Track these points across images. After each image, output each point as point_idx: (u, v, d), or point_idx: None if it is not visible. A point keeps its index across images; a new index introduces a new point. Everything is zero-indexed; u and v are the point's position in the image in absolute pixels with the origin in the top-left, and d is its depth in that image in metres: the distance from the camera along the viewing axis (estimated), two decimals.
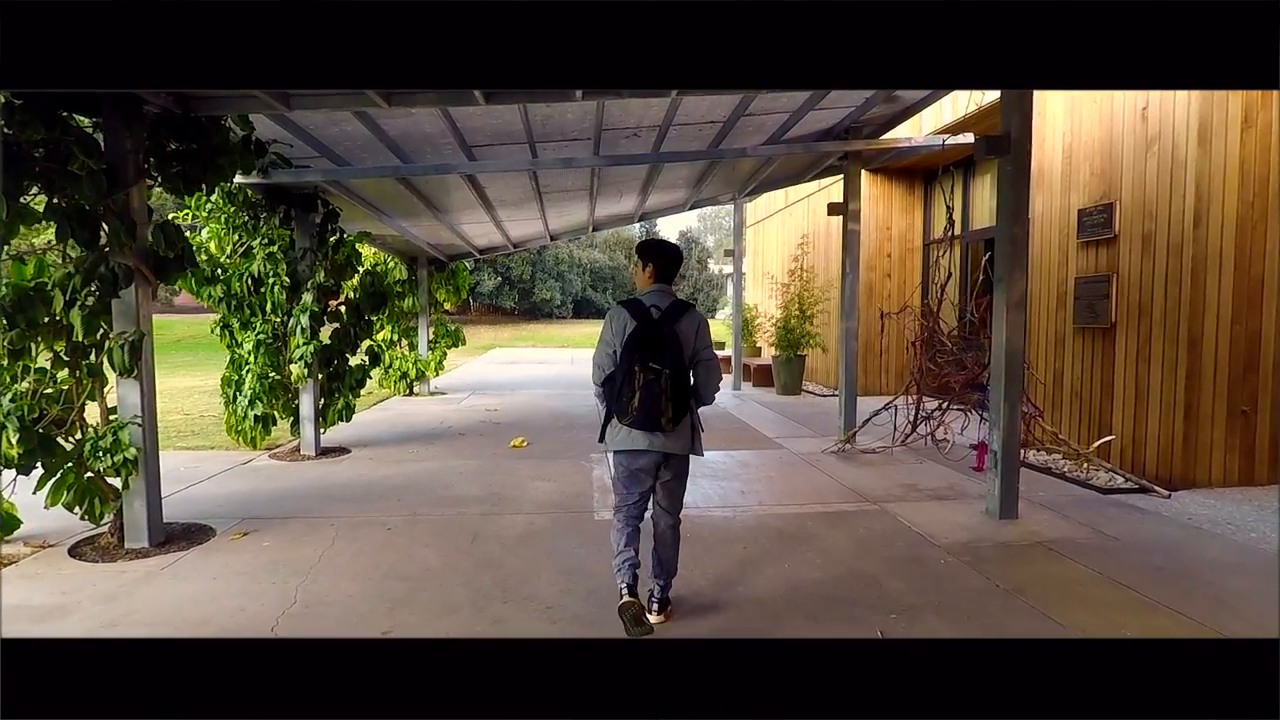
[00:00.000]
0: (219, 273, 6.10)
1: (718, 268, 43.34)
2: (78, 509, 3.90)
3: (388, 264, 10.76)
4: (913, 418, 6.61)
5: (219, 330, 6.32)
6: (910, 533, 4.29)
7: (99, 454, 3.79)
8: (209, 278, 6.05)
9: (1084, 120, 6.19)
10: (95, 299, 3.75)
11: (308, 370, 6.24)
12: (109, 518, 4.06)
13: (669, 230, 58.61)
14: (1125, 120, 5.72)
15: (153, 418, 4.07)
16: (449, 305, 12.28)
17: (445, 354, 11.88)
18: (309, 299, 6.19)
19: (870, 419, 6.86)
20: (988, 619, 3.12)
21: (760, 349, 13.79)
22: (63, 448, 3.82)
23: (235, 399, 6.27)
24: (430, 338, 11.63)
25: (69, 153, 3.48)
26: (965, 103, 7.58)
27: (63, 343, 3.88)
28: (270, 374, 6.27)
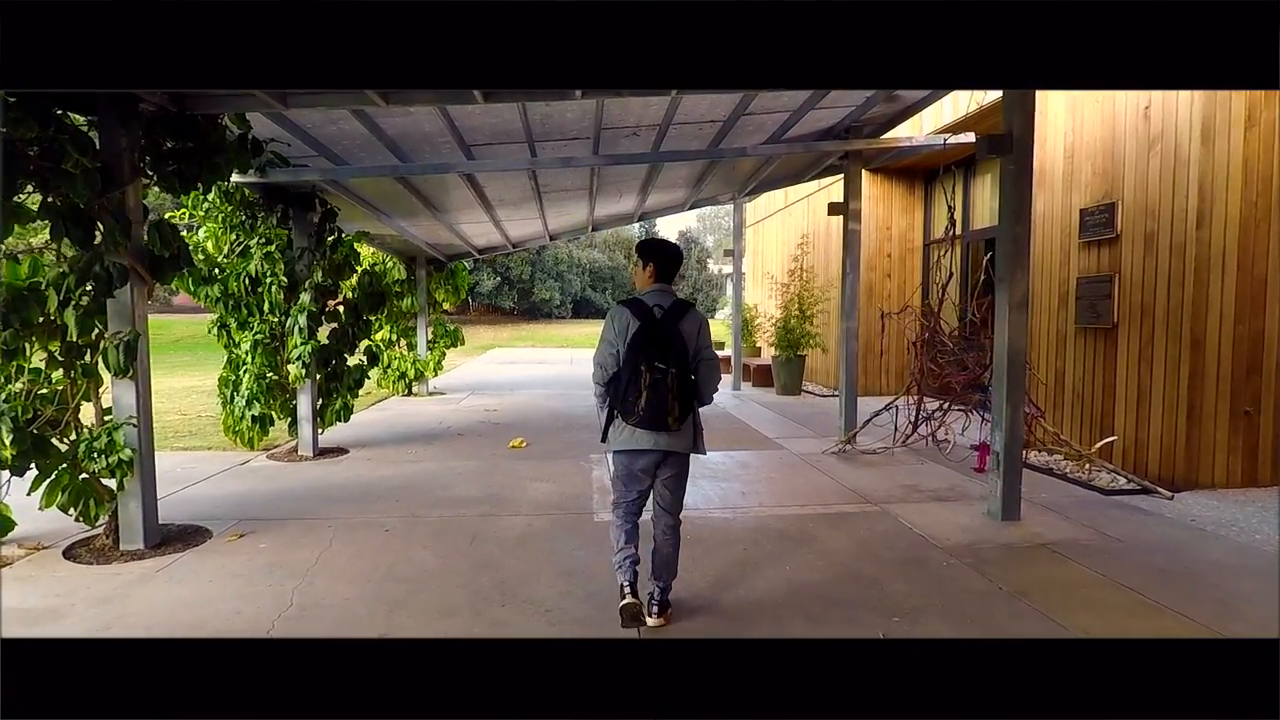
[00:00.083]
0: (216, 272, 6.07)
1: (717, 268, 43.32)
2: (72, 510, 3.88)
3: (386, 264, 10.73)
4: (913, 418, 6.59)
5: (216, 330, 6.29)
6: (912, 534, 4.26)
7: (94, 455, 3.76)
8: (206, 277, 6.01)
9: (1086, 119, 6.16)
10: (90, 299, 3.72)
11: (305, 370, 6.21)
12: (104, 519, 4.03)
13: (668, 230, 58.68)
14: (1127, 119, 5.69)
15: (148, 418, 4.04)
16: (448, 305, 12.26)
17: (444, 354, 11.87)
18: (307, 299, 6.16)
19: (871, 419, 6.83)
20: (991, 622, 3.09)
21: (760, 349, 13.76)
22: (57, 449, 3.79)
23: (232, 399, 6.24)
24: (429, 338, 11.60)
25: (63, 151, 3.45)
26: (966, 102, 7.55)
27: (57, 343, 3.84)
28: (268, 374, 6.24)
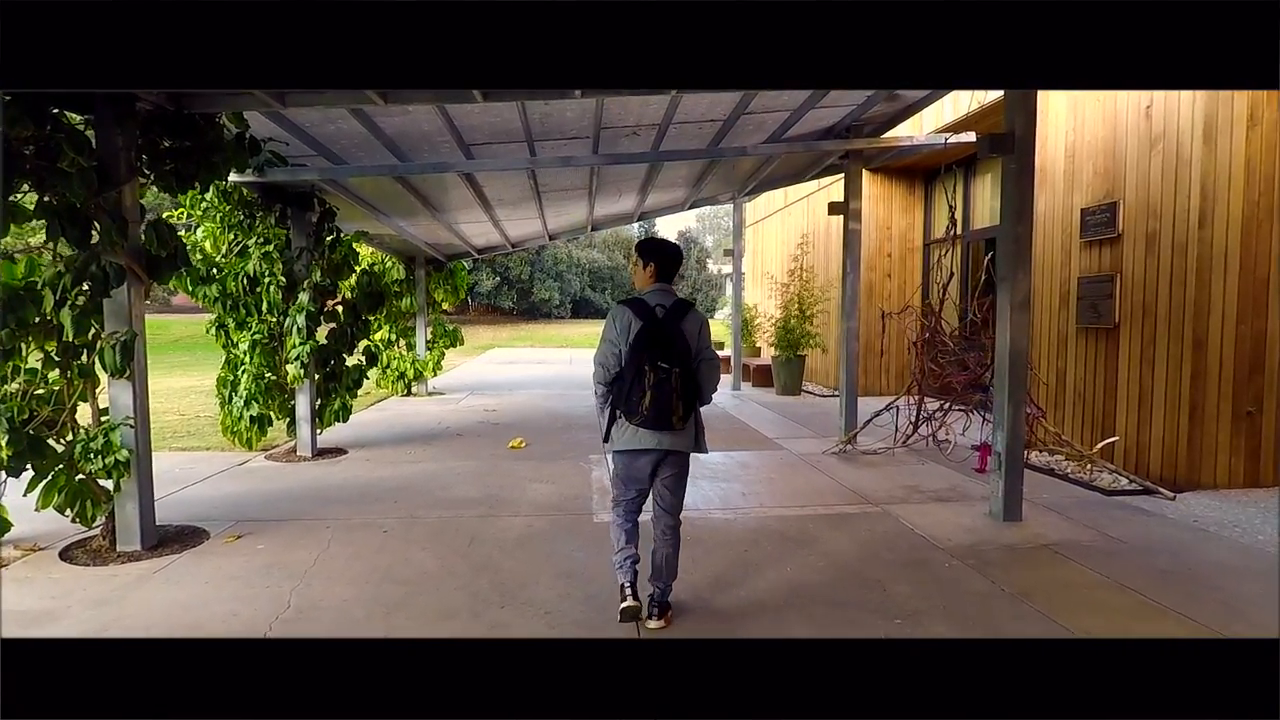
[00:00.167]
0: (214, 272, 6.04)
1: (716, 268, 43.31)
2: (69, 511, 3.85)
3: (385, 263, 10.71)
4: (914, 418, 6.56)
5: (214, 330, 6.26)
6: (913, 535, 4.24)
7: (90, 456, 3.73)
8: (204, 277, 5.98)
9: (1087, 119, 6.14)
10: (86, 298, 3.69)
11: (304, 370, 6.18)
12: (101, 520, 4.00)
13: (668, 230, 58.73)
14: (1129, 118, 5.67)
15: (145, 419, 4.01)
16: (447, 305, 12.24)
17: (443, 354, 11.84)
18: (305, 299, 6.13)
19: (871, 419, 6.81)
20: (994, 624, 3.07)
21: (760, 349, 13.74)
22: (53, 449, 3.77)
23: (231, 399, 6.21)
24: (428, 338, 11.58)
25: (59, 150, 3.42)
26: (967, 101, 7.53)
27: (54, 343, 3.81)
28: (266, 374, 6.21)
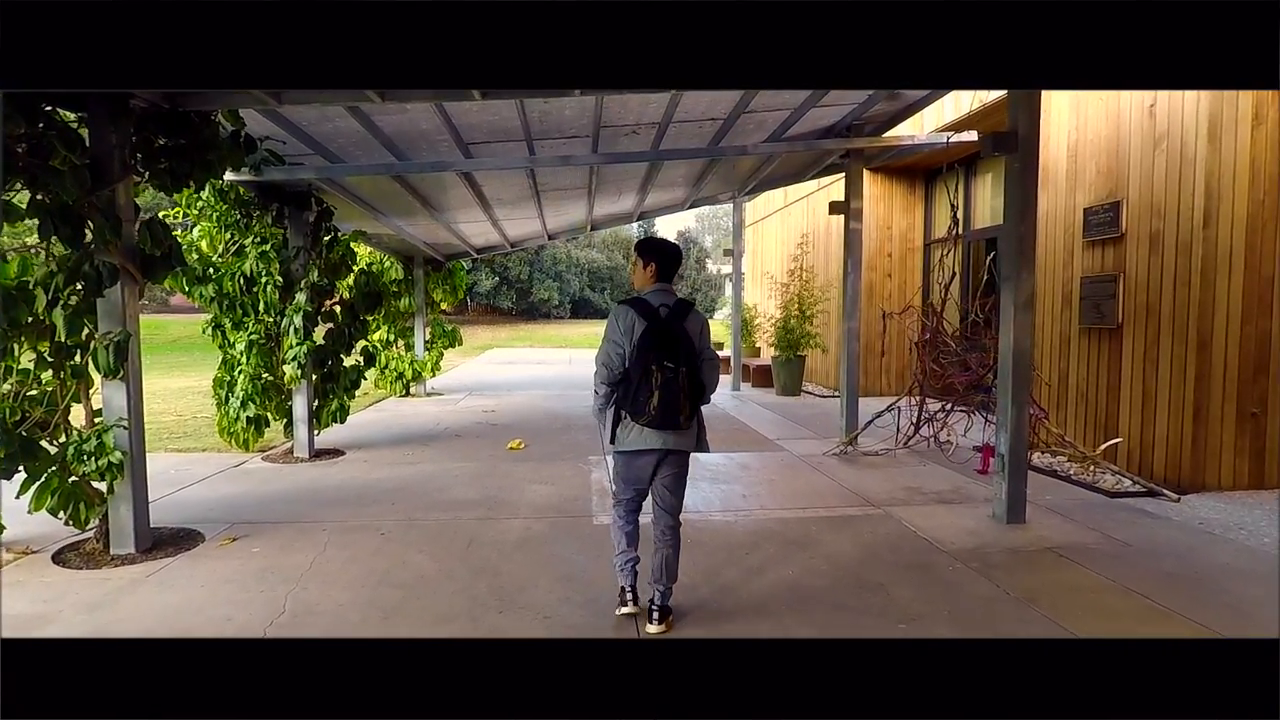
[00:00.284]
0: (211, 272, 5.98)
1: (716, 268, 43.28)
2: (62, 514, 3.79)
3: (383, 263, 10.66)
4: (915, 419, 6.52)
5: (210, 330, 6.21)
6: (916, 538, 4.20)
7: (83, 457, 3.69)
8: (200, 277, 5.93)
9: (1089, 118, 6.10)
10: (79, 298, 3.65)
11: (301, 371, 6.14)
12: (95, 523, 3.95)
13: (667, 230, 58.66)
14: (1132, 117, 5.63)
15: (139, 420, 3.96)
16: (446, 305, 12.19)
17: (442, 354, 11.80)
18: (302, 299, 6.09)
19: (873, 420, 6.77)
20: (999, 629, 3.02)
21: (759, 349, 13.70)
22: (46, 451, 3.71)
23: (227, 400, 6.16)
24: (427, 338, 11.54)
25: (51, 147, 3.38)
26: (968, 100, 7.49)
27: (46, 343, 3.76)
28: (263, 375, 6.16)
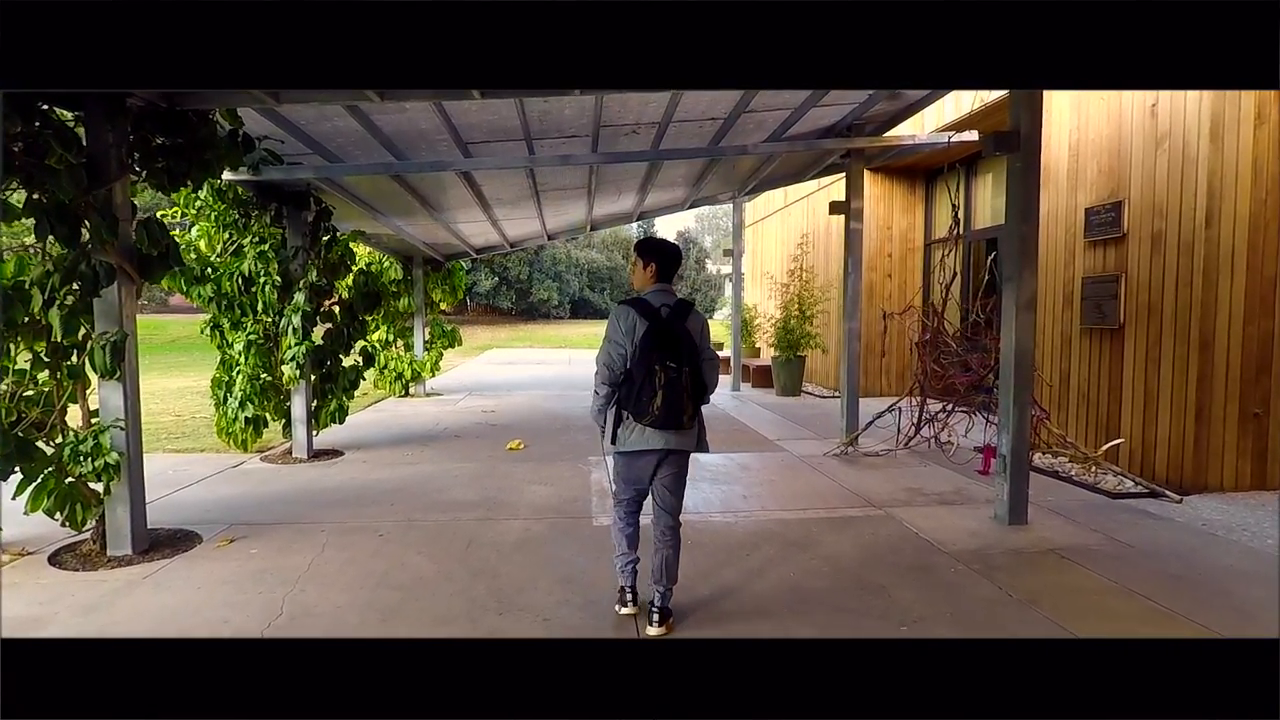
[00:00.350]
0: (209, 272, 5.96)
1: (715, 268, 43.28)
2: (58, 515, 3.77)
3: (383, 263, 10.63)
4: (916, 420, 6.50)
5: (209, 330, 6.18)
6: (918, 539, 4.17)
7: (79, 458, 3.66)
8: (198, 277, 5.90)
9: (1091, 117, 6.08)
10: (75, 298, 3.62)
11: (300, 371, 6.11)
12: (91, 524, 3.93)
13: (667, 230, 58.61)
14: (1134, 117, 5.61)
15: (136, 421, 3.94)
16: (445, 305, 12.17)
17: (441, 354, 11.77)
18: (301, 299, 6.06)
19: (873, 421, 6.75)
20: (1002, 631, 3.00)
21: (759, 350, 13.68)
22: (42, 452, 3.69)
23: (225, 400, 6.13)
24: (426, 338, 11.52)
25: (47, 146, 3.35)
26: (969, 100, 7.46)
27: (43, 343, 3.74)
28: (261, 375, 6.14)
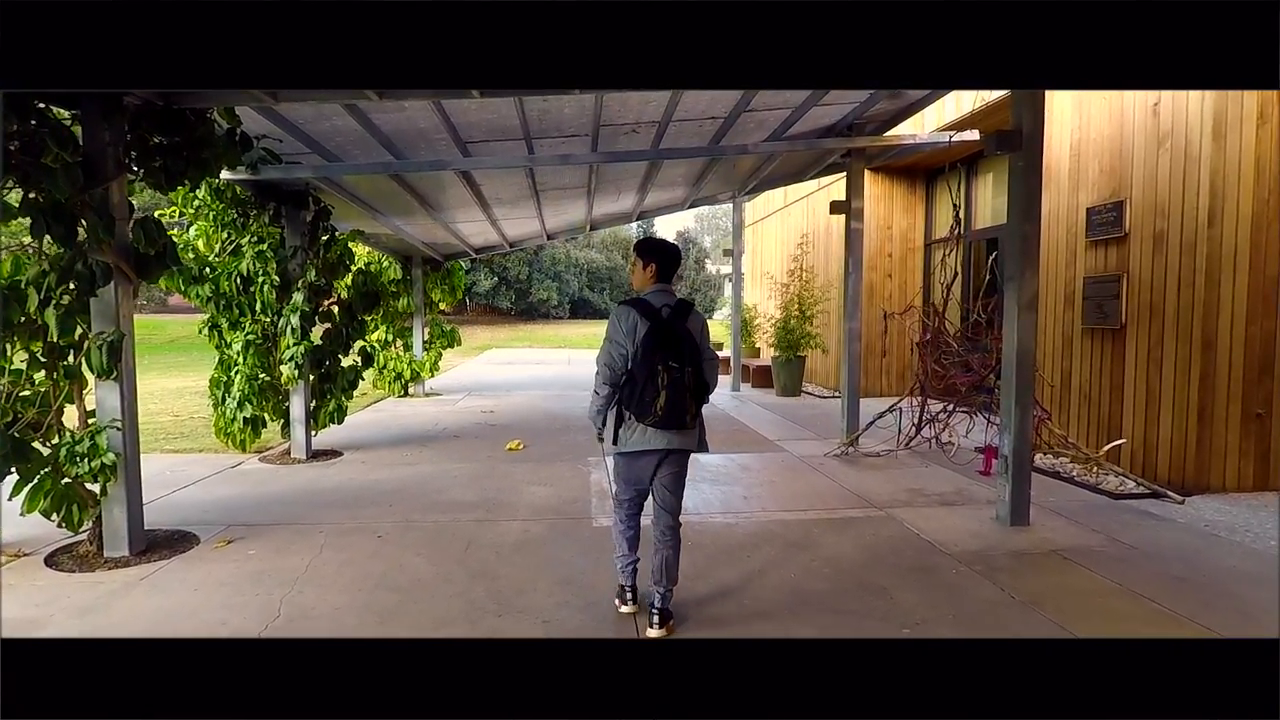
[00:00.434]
0: (207, 271, 5.93)
1: (715, 268, 43.25)
2: (55, 516, 3.75)
3: (382, 263, 10.60)
4: (917, 420, 6.48)
5: (207, 330, 6.16)
6: (919, 540, 4.15)
7: (76, 459, 3.63)
8: (196, 276, 5.88)
9: (1092, 116, 6.05)
10: (72, 298, 3.59)
11: (298, 371, 6.09)
12: (88, 525, 3.91)
13: (666, 230, 58.50)
14: (1136, 116, 5.59)
15: (133, 421, 3.91)
16: (445, 305, 12.14)
17: (441, 354, 11.75)
18: (300, 298, 6.04)
19: (874, 421, 6.72)
20: (1005, 634, 2.98)
21: (759, 350, 13.65)
22: (39, 453, 3.66)
23: (224, 401, 6.10)
24: (425, 338, 11.49)
25: (43, 145, 3.33)
26: (970, 100, 7.44)
27: (39, 343, 3.72)
28: (260, 375, 6.11)
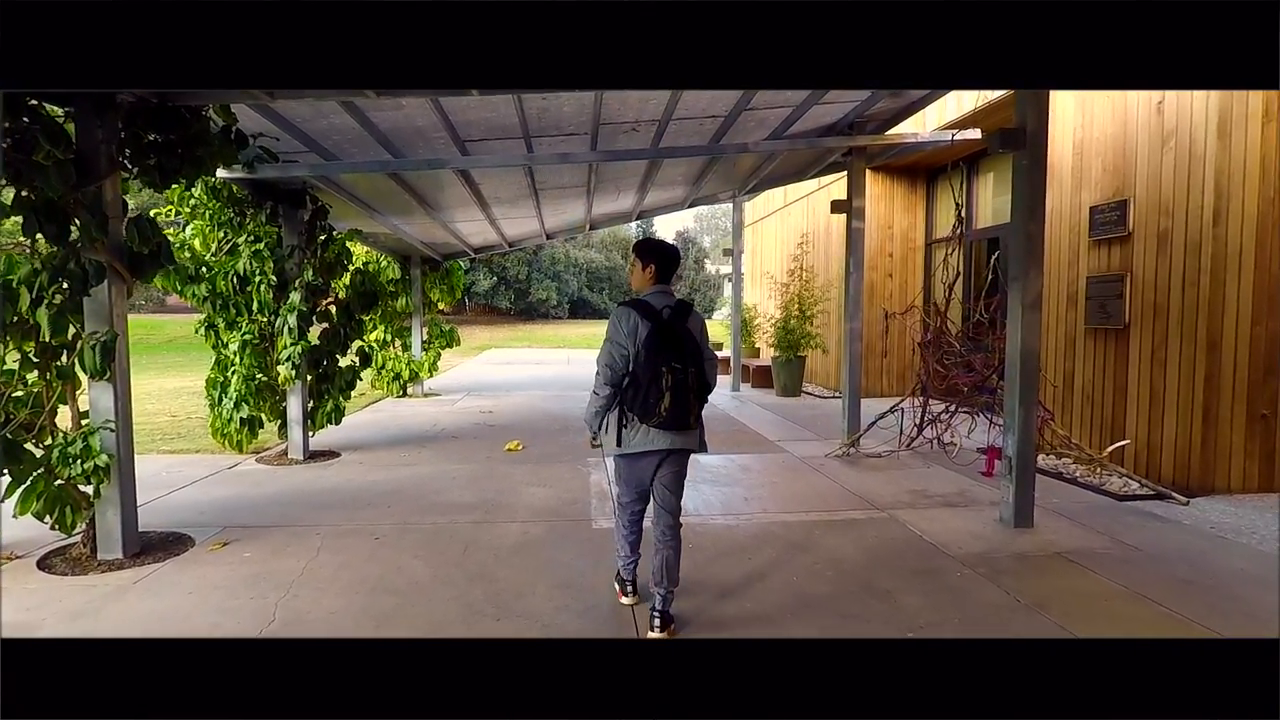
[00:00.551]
0: (203, 271, 5.89)
1: (714, 268, 43.23)
2: (48, 518, 3.70)
3: (380, 262, 10.56)
4: (918, 420, 6.44)
5: (204, 330, 6.11)
6: (922, 542, 4.11)
7: (68, 460, 3.59)
8: (193, 276, 5.83)
9: (1095, 115, 6.01)
10: (64, 297, 3.54)
11: (295, 371, 6.04)
12: (82, 527, 3.86)
13: (665, 230, 58.48)
14: (1139, 114, 5.54)
15: (127, 422, 3.87)
16: (443, 305, 12.09)
17: (439, 354, 11.71)
18: (297, 298, 5.99)
19: (875, 422, 6.68)
20: (1010, 637, 2.94)
21: (759, 350, 13.61)
22: (31, 454, 3.62)
23: (220, 401, 6.06)
24: (424, 338, 11.44)
25: (34, 141, 3.28)
26: (971, 98, 7.40)
27: (32, 343, 3.67)
28: (257, 375, 6.07)
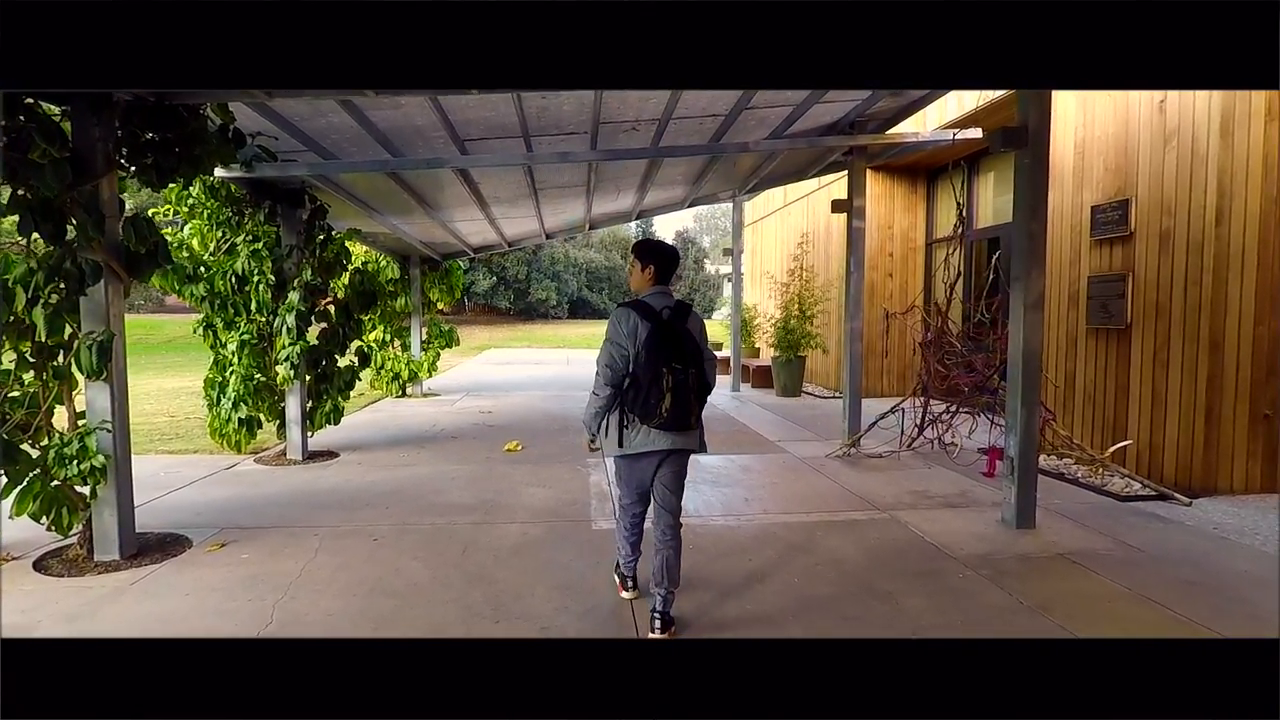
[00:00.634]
0: (201, 270, 5.87)
1: (714, 268, 43.23)
2: (44, 519, 3.67)
3: (379, 262, 10.54)
4: (919, 421, 6.42)
5: (202, 330, 6.09)
6: (924, 543, 4.09)
7: (65, 461, 3.56)
8: (191, 275, 5.81)
9: (1097, 114, 5.99)
10: (60, 297, 3.52)
11: (294, 371, 6.01)
12: (78, 528, 3.84)
13: (665, 230, 58.48)
14: (1141, 113, 5.52)
15: (123, 422, 3.84)
16: (443, 305, 12.06)
17: (439, 354, 11.68)
18: (295, 298, 5.96)
19: (876, 422, 6.66)
20: (1012, 637, 2.92)
21: (759, 350, 13.59)
22: (27, 455, 3.59)
23: (219, 401, 6.03)
24: (423, 338, 11.42)
25: (30, 140, 3.26)
26: (972, 98, 7.38)
27: (28, 343, 3.65)
28: (255, 375, 6.04)
